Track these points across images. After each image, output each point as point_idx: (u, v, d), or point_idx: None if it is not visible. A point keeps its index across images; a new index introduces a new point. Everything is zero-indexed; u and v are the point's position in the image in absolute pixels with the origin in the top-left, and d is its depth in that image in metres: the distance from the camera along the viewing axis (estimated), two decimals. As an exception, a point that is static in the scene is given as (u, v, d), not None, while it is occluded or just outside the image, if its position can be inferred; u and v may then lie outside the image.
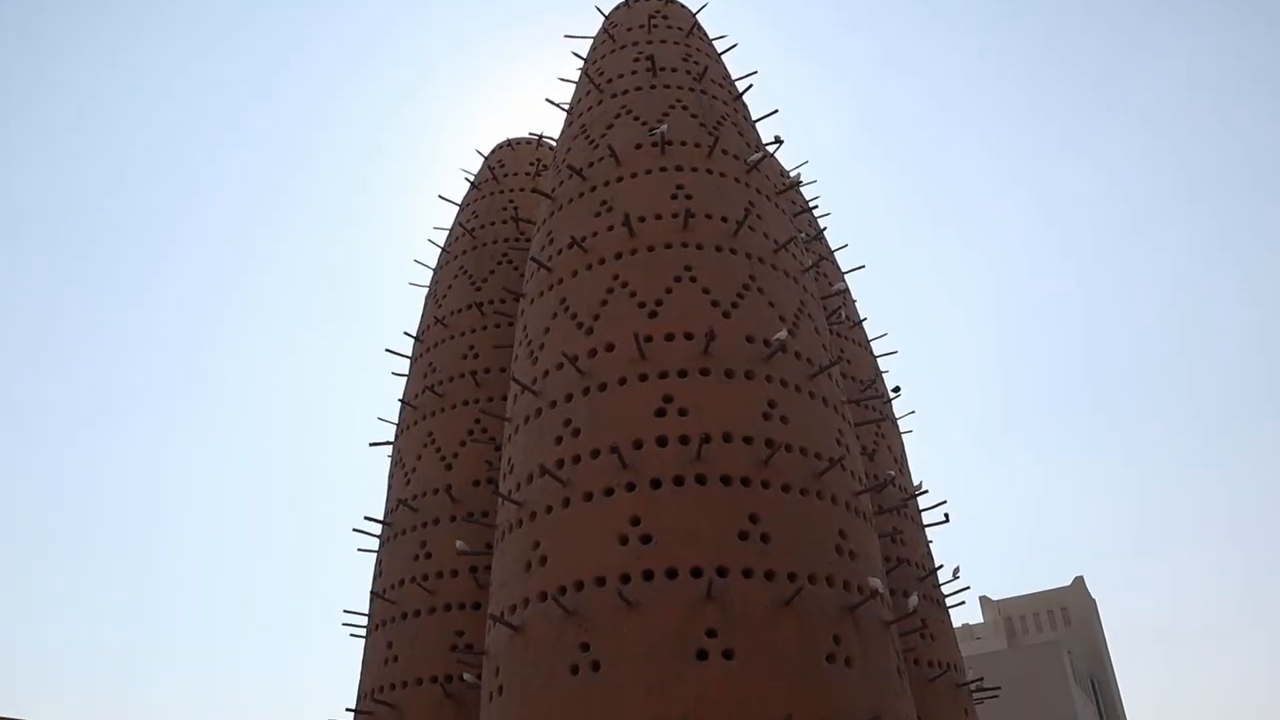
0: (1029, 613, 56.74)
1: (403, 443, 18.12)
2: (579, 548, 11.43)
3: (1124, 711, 56.22)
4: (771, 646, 10.60)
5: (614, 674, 10.52)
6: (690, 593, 10.77)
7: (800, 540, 11.41)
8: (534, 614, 11.45)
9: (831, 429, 12.89)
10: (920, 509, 17.67)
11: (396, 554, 16.72)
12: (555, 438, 12.44)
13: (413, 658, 15.50)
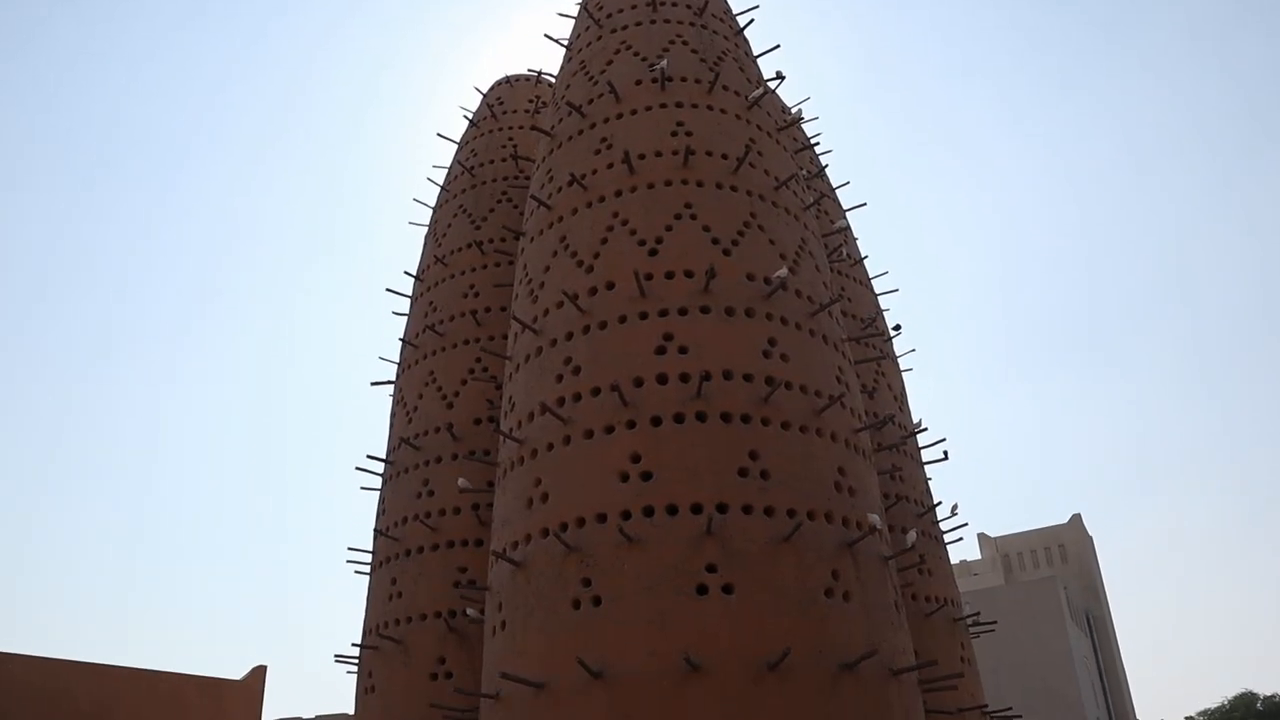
0: (1026, 549, 57.37)
1: (404, 382, 18.17)
2: (580, 485, 11.52)
3: (1118, 647, 57.07)
4: (771, 581, 10.73)
5: (615, 608, 10.67)
6: (690, 529, 10.87)
7: (800, 477, 11.50)
8: (536, 550, 11.58)
9: (832, 367, 12.92)
10: (920, 446, 17.77)
11: (399, 492, 16.87)
12: (556, 376, 12.47)
13: (416, 594, 15.71)
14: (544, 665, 10.84)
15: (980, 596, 36.02)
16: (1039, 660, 41.51)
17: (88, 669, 26.51)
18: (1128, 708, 55.06)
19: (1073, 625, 45.84)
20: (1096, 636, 53.66)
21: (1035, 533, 57.75)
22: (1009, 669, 38.19)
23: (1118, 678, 54.58)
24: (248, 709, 29.55)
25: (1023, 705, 23.29)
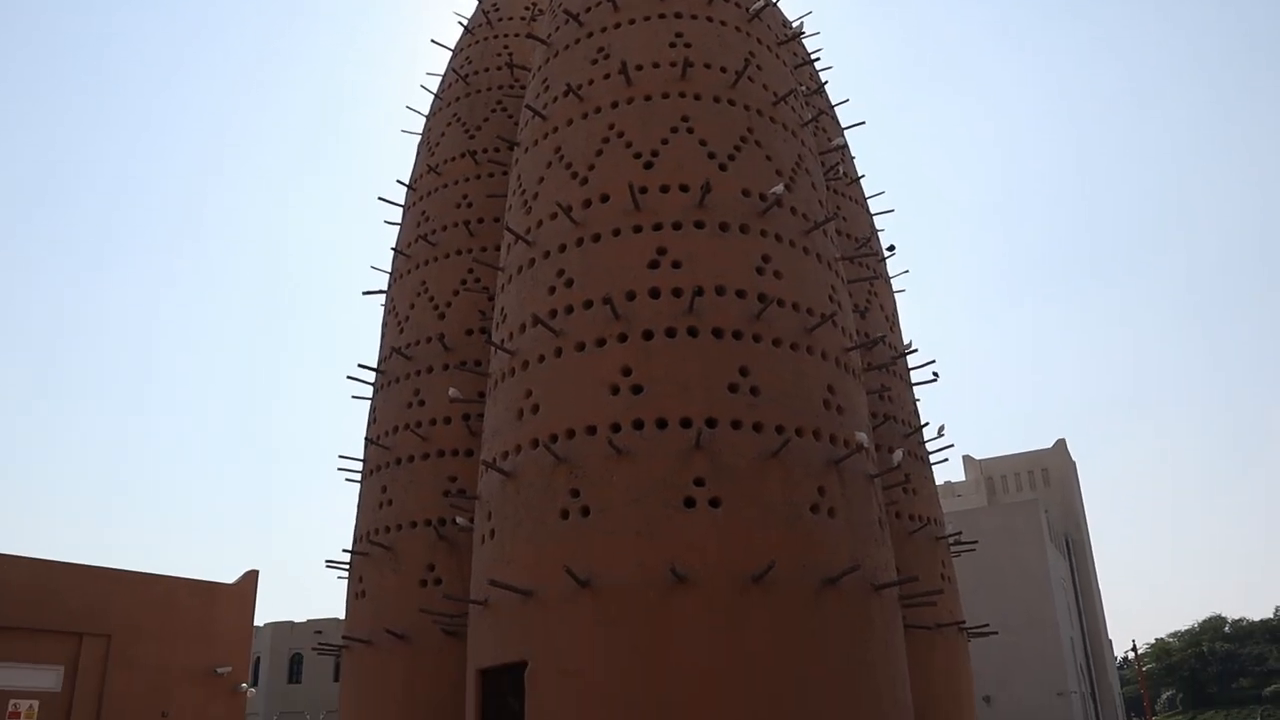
0: (1010, 472, 58.07)
1: (396, 291, 18.10)
2: (570, 396, 11.56)
3: (1095, 570, 58.20)
4: (758, 496, 10.85)
5: (603, 519, 10.79)
6: (679, 442, 10.95)
7: (789, 394, 11.55)
8: (525, 460, 11.67)
9: (824, 285, 12.89)
10: (909, 367, 17.84)
11: (390, 401, 16.92)
12: (548, 288, 12.42)
13: (407, 502, 15.87)
14: (532, 573, 11.01)
15: (963, 517, 36.56)
16: (1018, 580, 42.38)
17: (81, 571, 26.86)
18: (1101, 629, 56.42)
19: (1052, 548, 46.67)
20: (1074, 559, 54.70)
21: (1019, 456, 58.42)
22: (988, 588, 39.01)
23: (1093, 600, 55.80)
24: (239, 612, 30.05)
25: (1000, 623, 23.79)
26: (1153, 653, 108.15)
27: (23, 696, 24.92)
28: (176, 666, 27.88)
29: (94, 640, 26.52)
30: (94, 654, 26.40)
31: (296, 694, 63.44)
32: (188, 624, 28.44)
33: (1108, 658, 57.32)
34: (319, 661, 60.29)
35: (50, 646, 25.68)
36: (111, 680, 26.47)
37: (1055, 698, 41.55)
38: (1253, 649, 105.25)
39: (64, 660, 25.89)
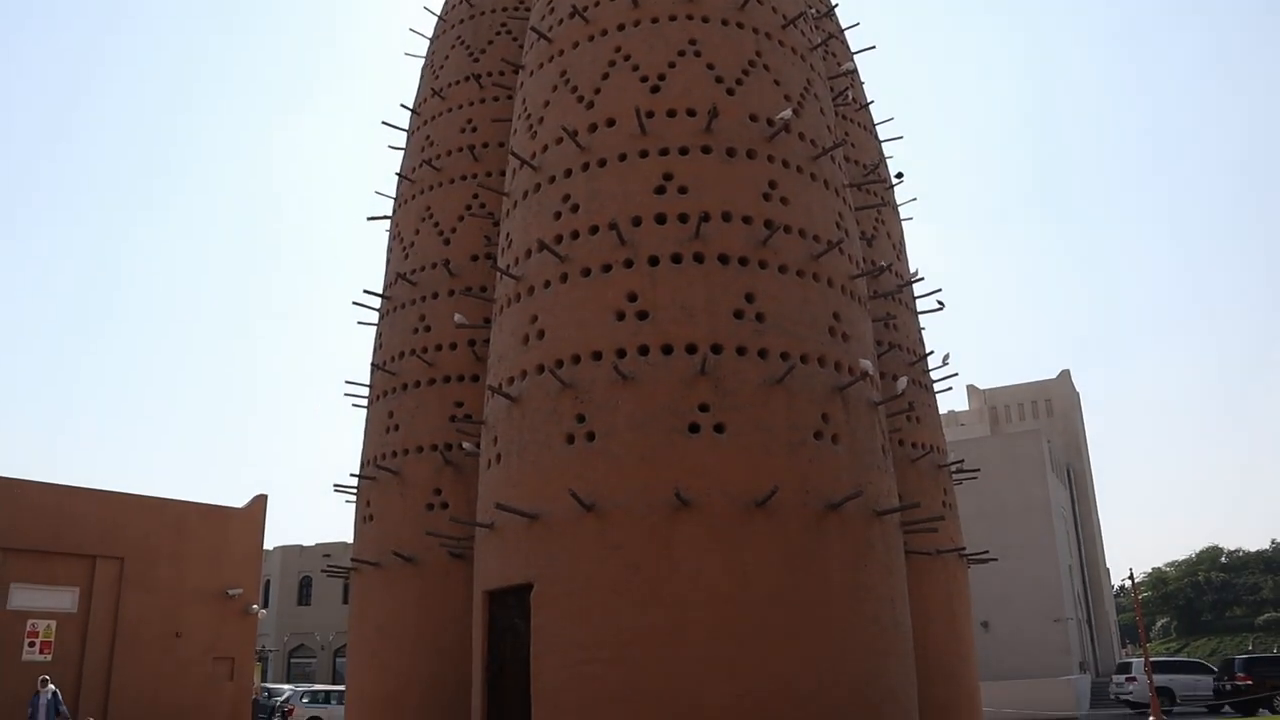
0: (1013, 402, 58.20)
1: (400, 217, 18.02)
2: (576, 322, 11.57)
3: (1095, 500, 58.64)
4: (761, 422, 10.91)
5: (608, 444, 10.88)
6: (684, 368, 10.99)
7: (794, 320, 11.55)
8: (531, 386, 11.73)
9: (831, 212, 12.81)
10: (915, 296, 17.81)
11: (395, 327, 16.95)
12: (554, 213, 12.36)
13: (413, 427, 15.99)
14: (537, 497, 11.14)
15: (966, 446, 36.77)
16: (1018, 509, 42.77)
17: (96, 495, 27.22)
18: (1099, 557, 57.07)
19: (1053, 477, 47.00)
20: (1075, 489, 55.12)
21: (1023, 386, 58.53)
22: (989, 516, 39.39)
23: (1092, 529, 56.36)
24: (249, 535, 30.49)
25: (999, 550, 24.05)
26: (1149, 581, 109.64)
27: (40, 617, 25.44)
28: (188, 589, 28.39)
29: (107, 563, 26.98)
30: (108, 576, 26.87)
31: (306, 616, 64.62)
32: (199, 547, 28.88)
33: (1105, 586, 58.11)
34: (328, 584, 61.34)
35: (65, 569, 26.14)
36: (125, 602, 26.98)
37: (1052, 624, 42.18)
38: (1247, 579, 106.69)
39: (79, 582, 26.37)
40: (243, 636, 29.63)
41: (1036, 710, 33.24)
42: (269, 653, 61.73)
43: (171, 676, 27.36)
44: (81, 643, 26.06)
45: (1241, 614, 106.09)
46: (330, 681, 53.20)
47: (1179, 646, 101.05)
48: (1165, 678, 35.19)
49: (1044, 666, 40.15)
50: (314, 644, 63.47)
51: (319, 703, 35.14)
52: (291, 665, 64.05)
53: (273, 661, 62.76)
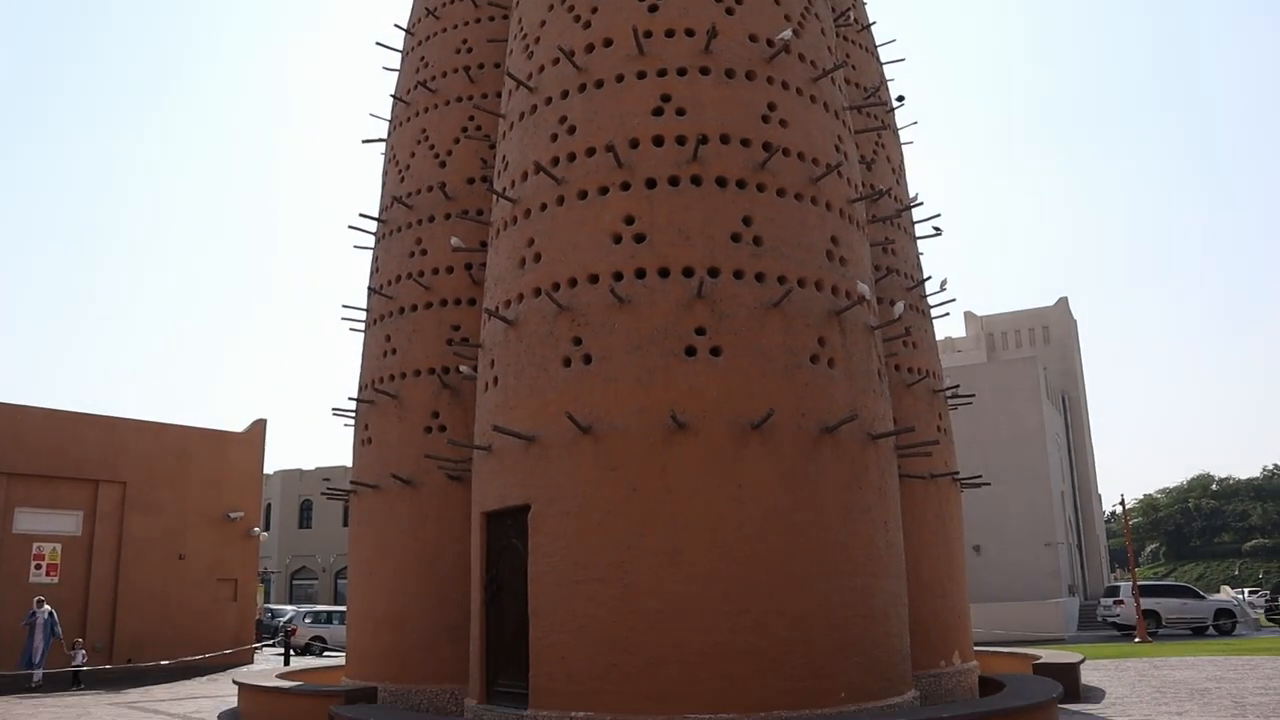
0: (1010, 329, 58.25)
1: (395, 139, 17.84)
2: (573, 245, 11.53)
3: (1089, 427, 59.02)
4: (758, 345, 10.94)
5: (605, 367, 10.92)
6: (681, 292, 10.98)
7: (792, 244, 11.51)
8: (528, 309, 11.73)
9: (831, 135, 12.69)
10: (914, 221, 17.72)
11: (392, 251, 16.89)
12: (550, 135, 12.23)
13: (410, 350, 16.03)
14: (535, 419, 11.21)
15: (962, 372, 36.90)
16: (1013, 435, 43.10)
17: (97, 420, 27.42)
18: (1091, 484, 57.65)
19: (1048, 404, 47.28)
20: (1070, 416, 55.48)
21: (1021, 313, 58.53)
22: (983, 442, 39.71)
23: (1085, 456, 56.84)
24: (249, 459, 30.77)
25: (993, 475, 24.29)
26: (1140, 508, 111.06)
27: (45, 540, 25.79)
28: (191, 512, 28.74)
29: (110, 487, 27.27)
30: (111, 500, 27.18)
31: (307, 538, 65.42)
32: (200, 471, 29.17)
33: (1096, 512, 58.77)
34: (328, 507, 62.00)
35: (69, 493, 26.44)
36: (129, 524, 27.33)
37: (1043, 548, 42.80)
38: (1237, 506, 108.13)
39: (82, 506, 26.71)
40: (245, 558, 30.09)
41: (1025, 631, 33.90)
42: (271, 574, 62.67)
43: (176, 598, 27.84)
44: (87, 565, 26.47)
45: (1229, 540, 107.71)
46: (332, 602, 54.10)
47: (1167, 571, 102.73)
48: (1152, 601, 35.87)
49: (1034, 589, 40.85)
50: (315, 566, 64.40)
51: (321, 623, 35.81)
52: (293, 587, 65.07)
53: (275, 583, 63.74)
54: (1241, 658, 22.72)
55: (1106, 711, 13.95)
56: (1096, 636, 35.68)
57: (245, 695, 16.09)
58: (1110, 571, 65.71)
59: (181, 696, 20.06)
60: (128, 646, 26.19)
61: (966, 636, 16.10)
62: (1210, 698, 15.09)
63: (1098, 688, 16.90)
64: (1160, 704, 14.57)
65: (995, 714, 10.18)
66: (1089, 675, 18.32)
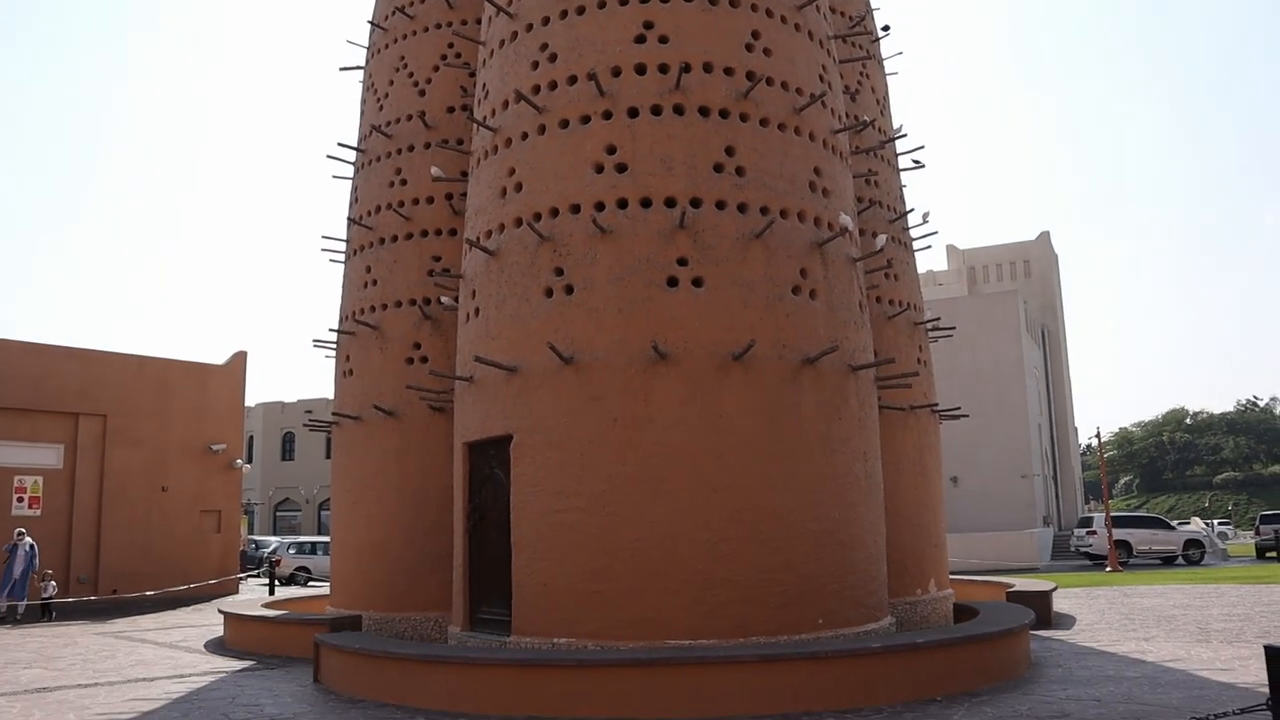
0: (992, 263, 58.34)
1: (374, 67, 17.52)
2: (554, 174, 11.43)
3: (1068, 361, 59.48)
4: (740, 276, 10.94)
5: (587, 297, 10.90)
6: (663, 222, 10.93)
7: (775, 175, 11.45)
8: (509, 239, 11.66)
9: (815, 64, 12.55)
10: (897, 153, 17.62)
11: (371, 181, 16.70)
12: (531, 63, 12.05)
13: (391, 281, 15.93)
14: (516, 350, 11.21)
15: (943, 305, 37.05)
16: (992, 368, 43.44)
17: (76, 353, 27.22)
18: (1068, 417, 58.28)
19: (1027, 338, 47.60)
20: (1049, 349, 55.90)
21: (1002, 247, 58.59)
22: (963, 374, 40.03)
23: (1063, 389, 57.36)
24: (230, 391, 30.67)
25: (972, 408, 24.50)
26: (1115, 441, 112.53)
27: (27, 473, 25.75)
28: (172, 444, 28.71)
29: (90, 420, 27.18)
30: (91, 433, 27.11)
31: (290, 471, 65.59)
32: (181, 403, 29.08)
33: (1072, 444, 59.54)
34: (310, 440, 62.09)
35: (48, 426, 26.35)
36: (110, 457, 27.30)
37: (1019, 480, 43.41)
38: (1210, 440, 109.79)
39: (63, 439, 26.62)
40: (228, 490, 30.16)
41: (1000, 561, 34.53)
42: (254, 506, 62.92)
43: (160, 529, 27.93)
44: (69, 498, 26.48)
45: (1201, 473, 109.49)
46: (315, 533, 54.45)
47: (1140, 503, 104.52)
48: (1124, 532, 36.54)
49: (1009, 520, 41.52)
50: (298, 498, 64.69)
51: (305, 553, 36.07)
52: (277, 518, 65.41)
53: (258, 515, 64.04)
54: (1208, 586, 23.25)
55: (1077, 637, 14.28)
56: (1069, 566, 36.39)
57: (231, 624, 16.27)
58: (1084, 503, 66.78)
59: (168, 626, 20.25)
60: (112, 578, 26.34)
61: (942, 565, 16.38)
62: (1176, 624, 15.46)
63: (1069, 615, 17.27)
64: (1129, 630, 14.92)
65: (969, 640, 10.40)
66: (1061, 603, 18.71)
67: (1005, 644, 10.80)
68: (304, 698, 10.67)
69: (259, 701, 10.47)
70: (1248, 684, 9.80)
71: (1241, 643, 12.97)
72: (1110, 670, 11.10)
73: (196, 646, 16.11)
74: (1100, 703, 9.13)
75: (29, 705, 10.51)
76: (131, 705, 10.39)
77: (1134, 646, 13.04)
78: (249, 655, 14.53)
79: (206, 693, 11.20)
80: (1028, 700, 9.32)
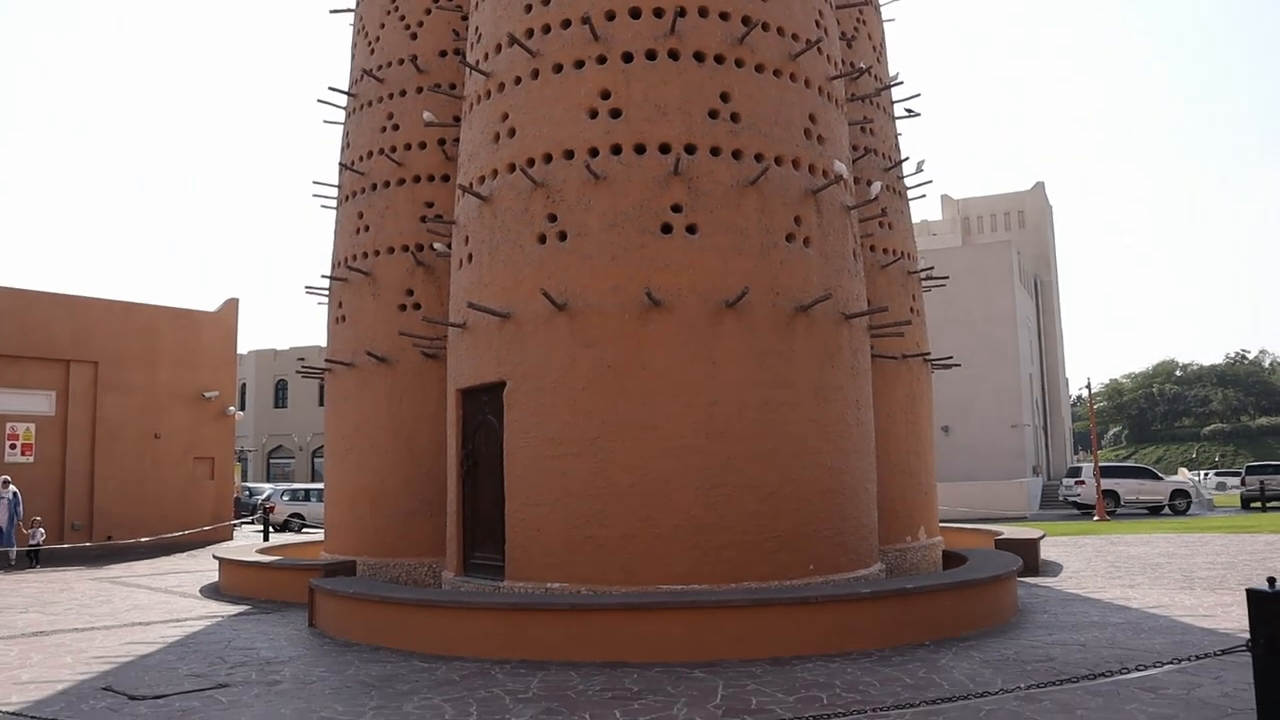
0: (986, 213, 58.19)
1: (364, 9, 17.25)
2: (548, 120, 11.32)
3: (1060, 312, 59.60)
4: (734, 223, 10.89)
5: (580, 244, 10.85)
6: (657, 168, 10.86)
7: (770, 121, 11.35)
8: (502, 185, 11.57)
9: (811, 10, 12.39)
10: (893, 101, 17.48)
11: (363, 125, 16.52)
12: (524, 6, 11.87)
13: (383, 227, 15.83)
14: (509, 296, 11.18)
15: (937, 255, 36.95)
16: (984, 318, 43.48)
17: (67, 300, 27.10)
18: (1059, 368, 58.51)
19: (1020, 288, 47.60)
20: (1041, 300, 55.95)
21: (997, 197, 58.39)
22: (956, 324, 40.06)
23: (1055, 340, 57.53)
24: (222, 338, 30.61)
25: (964, 357, 24.57)
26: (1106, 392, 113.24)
27: (19, 420, 25.73)
28: (164, 391, 28.69)
29: (81, 367, 27.12)
30: (83, 379, 27.07)
31: (283, 418, 65.68)
32: (172, 350, 29.03)
33: (1063, 395, 59.81)
34: (303, 387, 62.13)
35: (40, 373, 26.30)
36: (102, 404, 27.30)
37: (1009, 429, 43.64)
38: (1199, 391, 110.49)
39: (54, 386, 26.58)
40: (221, 437, 30.20)
41: (989, 510, 34.84)
42: (248, 453, 63.08)
43: (153, 476, 28.01)
44: (62, 445, 26.51)
45: (1190, 424, 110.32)
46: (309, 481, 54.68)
47: (1128, 453, 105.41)
48: (1112, 481, 36.83)
49: (999, 470, 41.83)
50: (291, 445, 64.86)
51: (299, 500, 36.24)
52: (270, 466, 65.63)
53: (252, 462, 64.22)
54: (1194, 535, 23.51)
55: (1063, 584, 14.46)
56: (1058, 515, 36.75)
57: (226, 569, 16.38)
58: (1073, 453, 67.27)
59: (163, 571, 20.39)
60: (107, 525, 26.46)
61: (932, 513, 16.53)
62: (1161, 572, 15.66)
63: (1056, 562, 17.48)
64: (1114, 577, 15.11)
65: (957, 586, 10.52)
66: (1048, 551, 18.92)
67: (992, 590, 10.94)
68: (299, 641, 10.78)
69: (254, 645, 10.57)
70: (1229, 629, 9.96)
71: (1224, 590, 13.15)
72: (1095, 616, 11.26)
73: (192, 592, 16.23)
74: (1085, 647, 9.27)
75: (27, 649, 10.60)
76: (128, 649, 10.49)
77: (1119, 593, 13.21)
78: (244, 600, 14.65)
79: (202, 636, 11.31)
80: (1014, 645, 9.46)
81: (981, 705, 6.93)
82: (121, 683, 8.60)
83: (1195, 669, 7.94)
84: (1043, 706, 6.87)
